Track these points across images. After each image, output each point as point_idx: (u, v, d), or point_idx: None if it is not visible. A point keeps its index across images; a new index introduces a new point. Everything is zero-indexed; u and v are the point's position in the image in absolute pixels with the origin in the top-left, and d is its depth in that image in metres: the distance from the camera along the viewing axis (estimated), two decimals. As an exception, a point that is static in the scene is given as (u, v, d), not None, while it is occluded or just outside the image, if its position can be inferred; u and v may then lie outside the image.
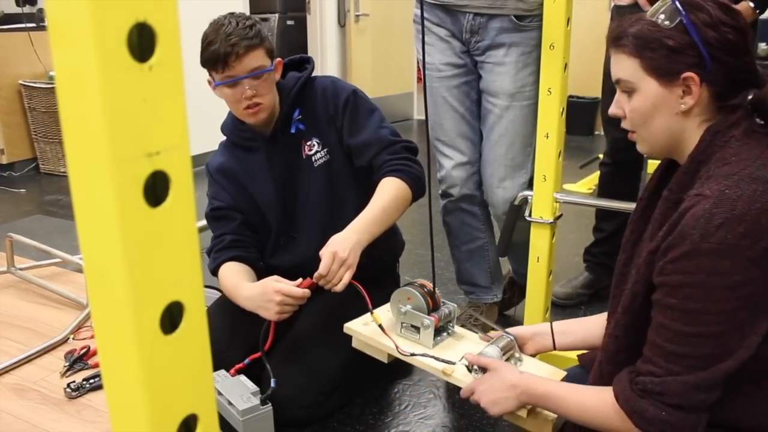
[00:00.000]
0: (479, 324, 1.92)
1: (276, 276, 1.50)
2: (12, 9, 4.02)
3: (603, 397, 0.97)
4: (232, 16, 1.52)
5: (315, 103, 1.67)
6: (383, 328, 1.36)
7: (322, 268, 1.42)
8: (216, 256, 1.65)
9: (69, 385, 1.58)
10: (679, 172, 0.95)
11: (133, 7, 0.33)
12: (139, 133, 0.34)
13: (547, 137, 1.61)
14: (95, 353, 1.73)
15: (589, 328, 1.24)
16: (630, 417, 0.92)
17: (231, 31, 1.47)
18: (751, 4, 1.84)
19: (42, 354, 1.77)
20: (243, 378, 1.51)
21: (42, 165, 4.18)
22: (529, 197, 1.69)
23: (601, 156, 2.28)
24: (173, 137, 0.36)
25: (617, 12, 2.00)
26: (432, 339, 1.32)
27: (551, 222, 1.67)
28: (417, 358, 1.29)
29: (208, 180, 1.75)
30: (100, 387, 1.59)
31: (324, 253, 1.44)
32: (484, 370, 1.15)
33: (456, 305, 1.40)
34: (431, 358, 1.28)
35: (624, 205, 1.72)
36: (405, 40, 5.74)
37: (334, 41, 5.44)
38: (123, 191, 0.34)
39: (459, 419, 1.66)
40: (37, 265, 2.34)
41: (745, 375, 0.89)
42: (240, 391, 1.46)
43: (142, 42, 0.33)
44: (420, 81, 1.59)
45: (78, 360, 1.71)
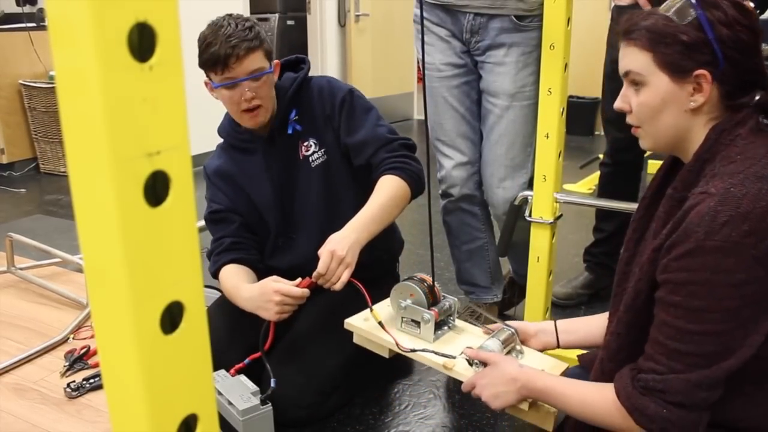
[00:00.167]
0: (478, 315, 1.92)
1: (275, 276, 1.50)
2: (12, 9, 4.02)
3: (604, 394, 0.96)
4: (230, 17, 1.51)
5: (312, 104, 1.67)
6: (383, 324, 1.36)
7: (320, 266, 1.42)
8: (216, 259, 1.65)
9: (69, 385, 1.58)
10: (684, 170, 0.95)
11: (134, 7, 0.33)
12: (140, 133, 0.34)
13: (547, 137, 1.61)
14: (95, 353, 1.73)
15: (591, 327, 1.24)
16: (631, 414, 0.92)
17: (231, 33, 1.47)
18: (751, 4, 1.84)
19: (42, 354, 1.76)
20: (243, 378, 1.51)
21: (42, 165, 4.18)
22: (529, 197, 1.69)
23: (601, 156, 2.28)
24: (173, 137, 0.36)
25: (617, 12, 2.00)
26: (432, 333, 1.32)
27: (551, 222, 1.67)
28: (417, 353, 1.28)
29: (206, 183, 1.75)
30: (100, 387, 1.59)
31: (322, 252, 1.43)
32: (485, 363, 1.15)
33: (456, 299, 1.40)
34: (431, 352, 1.27)
35: (624, 206, 1.72)
36: (405, 40, 5.74)
37: (334, 41, 5.44)
38: (123, 191, 0.34)
39: (459, 419, 1.66)
40: (37, 265, 2.34)
41: (747, 375, 0.89)
42: (240, 391, 1.46)
43: (142, 42, 0.33)
44: (420, 81, 1.59)
45: (78, 360, 1.70)
